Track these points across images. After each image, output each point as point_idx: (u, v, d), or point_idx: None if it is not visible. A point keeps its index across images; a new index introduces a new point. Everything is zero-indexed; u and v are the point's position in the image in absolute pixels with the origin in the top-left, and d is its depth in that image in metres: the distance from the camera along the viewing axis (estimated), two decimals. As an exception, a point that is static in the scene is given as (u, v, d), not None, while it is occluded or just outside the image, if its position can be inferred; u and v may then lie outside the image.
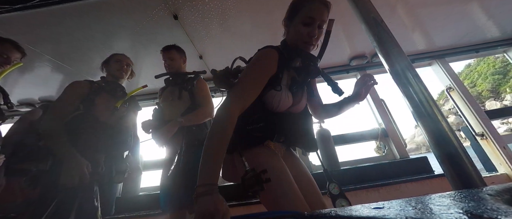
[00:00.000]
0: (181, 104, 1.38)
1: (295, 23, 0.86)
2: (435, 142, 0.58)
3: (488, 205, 0.28)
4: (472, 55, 2.58)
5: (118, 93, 1.33)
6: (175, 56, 1.49)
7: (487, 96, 51.28)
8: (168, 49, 1.49)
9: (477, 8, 1.91)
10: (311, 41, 0.85)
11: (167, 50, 1.49)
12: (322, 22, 0.83)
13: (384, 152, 2.22)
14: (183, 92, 1.40)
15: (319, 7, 0.81)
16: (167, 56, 1.48)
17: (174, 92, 1.42)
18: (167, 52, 1.48)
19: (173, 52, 1.49)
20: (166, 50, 1.49)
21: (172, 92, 1.42)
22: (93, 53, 1.80)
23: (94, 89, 1.26)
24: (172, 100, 1.40)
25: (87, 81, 1.29)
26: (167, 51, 1.49)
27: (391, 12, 1.81)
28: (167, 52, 1.48)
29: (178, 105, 1.38)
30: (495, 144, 1.99)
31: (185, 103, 1.39)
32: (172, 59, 1.48)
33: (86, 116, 1.17)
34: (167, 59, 1.48)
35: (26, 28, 1.48)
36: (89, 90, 1.24)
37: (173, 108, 1.39)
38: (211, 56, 2.06)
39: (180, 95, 1.39)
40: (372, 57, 2.44)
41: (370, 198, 1.59)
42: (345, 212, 0.36)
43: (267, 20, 1.73)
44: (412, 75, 0.66)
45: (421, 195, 0.40)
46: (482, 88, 53.26)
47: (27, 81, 2.08)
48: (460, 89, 2.32)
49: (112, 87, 1.32)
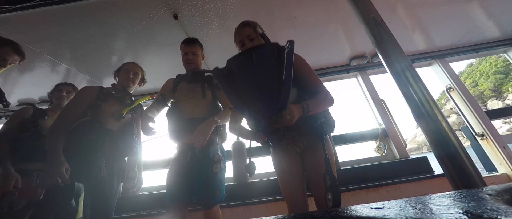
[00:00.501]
0: (204, 103, 1.34)
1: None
2: (435, 142, 0.58)
3: (488, 205, 0.28)
4: (472, 55, 2.58)
5: (126, 101, 1.38)
6: (198, 51, 1.42)
7: (489, 95, 50.69)
8: (192, 43, 1.40)
9: (477, 8, 1.91)
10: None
11: (191, 44, 1.40)
12: (246, 37, 1.10)
13: (384, 152, 2.21)
14: (207, 90, 1.35)
15: (239, 30, 1.13)
16: (190, 50, 1.39)
17: (195, 89, 1.35)
18: (190, 46, 1.40)
19: (197, 47, 1.42)
20: (190, 43, 1.40)
21: (194, 89, 1.35)
22: (93, 52, 1.80)
23: (102, 95, 1.30)
24: (192, 97, 1.33)
25: (97, 87, 1.33)
26: (191, 45, 1.40)
27: (391, 12, 1.81)
28: (190, 46, 1.40)
29: (200, 103, 1.33)
30: (495, 144, 1.99)
31: (208, 102, 1.35)
32: (194, 54, 1.39)
33: (92, 122, 1.20)
34: (189, 53, 1.39)
35: (26, 28, 1.48)
36: (98, 96, 1.28)
37: (196, 106, 1.32)
38: (211, 56, 2.06)
39: (204, 93, 1.34)
40: (372, 57, 2.44)
41: (370, 198, 1.59)
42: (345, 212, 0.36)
43: (267, 20, 1.73)
44: (412, 75, 0.66)
45: (421, 195, 0.40)
46: (484, 88, 52.70)
47: (27, 81, 2.08)
48: (460, 89, 2.32)
49: (120, 94, 1.37)
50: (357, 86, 2.68)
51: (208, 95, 1.36)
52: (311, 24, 1.84)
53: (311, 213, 0.40)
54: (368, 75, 2.56)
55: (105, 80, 2.20)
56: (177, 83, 1.40)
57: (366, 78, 2.54)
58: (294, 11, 1.68)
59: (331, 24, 1.88)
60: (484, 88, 52.44)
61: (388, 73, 0.73)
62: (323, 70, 2.58)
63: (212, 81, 1.39)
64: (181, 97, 1.36)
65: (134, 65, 1.46)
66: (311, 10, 1.69)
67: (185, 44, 1.40)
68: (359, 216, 0.33)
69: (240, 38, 1.11)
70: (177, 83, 1.41)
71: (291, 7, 1.63)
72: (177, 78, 1.43)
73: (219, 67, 0.90)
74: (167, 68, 2.13)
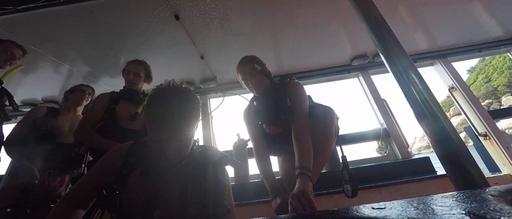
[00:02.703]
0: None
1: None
2: (437, 142, 0.58)
3: (491, 206, 0.28)
4: (475, 54, 2.56)
5: (134, 99, 1.41)
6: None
7: (504, 91, 47.71)
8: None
9: (480, 7, 1.90)
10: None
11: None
12: (248, 74, 1.19)
13: (386, 153, 2.20)
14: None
15: (240, 68, 1.23)
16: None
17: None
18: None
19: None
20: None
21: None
22: (95, 53, 1.81)
23: (113, 99, 1.37)
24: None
25: (109, 93, 1.41)
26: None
27: (392, 11, 1.80)
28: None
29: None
30: (498, 144, 1.97)
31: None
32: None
33: (107, 126, 1.28)
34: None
35: (29, 29, 1.49)
36: (110, 100, 1.36)
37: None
38: (212, 57, 2.06)
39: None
40: (373, 57, 2.43)
41: (371, 198, 1.58)
42: (347, 212, 0.36)
43: (269, 21, 1.73)
44: (414, 74, 0.66)
45: (423, 196, 0.40)
46: (497, 83, 50.09)
47: (30, 82, 2.10)
48: (463, 89, 2.31)
49: (128, 94, 1.41)
50: (358, 86, 2.67)
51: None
52: (313, 24, 1.84)
53: (312, 213, 0.40)
54: (370, 75, 2.55)
55: (107, 80, 2.21)
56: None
57: (367, 78, 2.53)
58: (295, 11, 1.67)
59: (332, 24, 1.88)
60: (498, 84, 49.59)
61: (390, 72, 0.73)
62: (324, 70, 2.57)
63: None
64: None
65: (134, 65, 1.46)
66: (312, 10, 1.69)
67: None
68: (360, 217, 0.33)
69: (242, 75, 1.21)
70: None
71: (292, 7, 1.63)
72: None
73: (220, 67, 0.93)
74: (169, 68, 2.14)
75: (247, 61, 1.20)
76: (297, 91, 1.13)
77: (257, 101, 1.26)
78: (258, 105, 1.24)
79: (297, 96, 1.11)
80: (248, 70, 1.17)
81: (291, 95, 1.13)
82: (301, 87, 1.16)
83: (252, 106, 1.30)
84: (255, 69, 1.16)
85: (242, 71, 1.20)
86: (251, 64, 1.18)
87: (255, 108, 1.26)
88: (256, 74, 1.17)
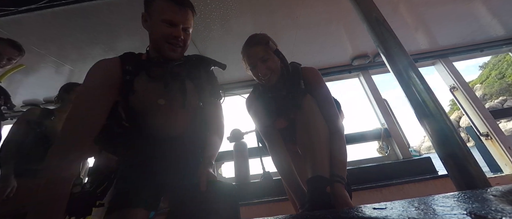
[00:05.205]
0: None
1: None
2: (439, 142, 0.58)
3: (493, 206, 0.28)
4: (476, 54, 2.55)
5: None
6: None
7: None
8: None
9: (481, 7, 1.89)
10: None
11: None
12: (259, 60, 1.00)
13: (387, 153, 2.20)
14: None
15: (248, 51, 1.01)
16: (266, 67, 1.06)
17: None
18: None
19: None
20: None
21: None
22: (96, 54, 1.82)
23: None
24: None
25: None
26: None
27: (393, 11, 1.80)
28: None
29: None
30: (500, 144, 1.96)
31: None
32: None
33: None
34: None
35: (31, 30, 1.49)
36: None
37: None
38: (212, 57, 2.05)
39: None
40: (374, 57, 2.42)
41: (372, 198, 1.58)
42: (348, 212, 0.36)
43: (269, 21, 1.73)
44: (414, 74, 0.66)
45: (424, 196, 0.39)
46: (511, 79, 47.79)
47: (32, 82, 2.11)
48: (464, 88, 2.30)
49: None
50: (359, 86, 2.66)
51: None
52: (313, 24, 1.84)
53: (312, 213, 0.40)
54: (370, 75, 2.54)
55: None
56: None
57: (368, 78, 2.52)
58: (296, 11, 1.67)
59: (333, 24, 1.88)
60: (512, 80, 47.00)
61: (391, 72, 0.73)
62: (325, 70, 2.56)
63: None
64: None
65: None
66: (313, 10, 1.69)
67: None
68: (361, 217, 0.32)
69: (250, 61, 0.97)
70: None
71: (293, 7, 1.63)
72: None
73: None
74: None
75: (257, 42, 0.97)
76: (315, 75, 0.99)
77: (264, 87, 1.07)
78: (265, 92, 1.06)
79: (316, 79, 0.97)
80: (260, 54, 0.94)
81: (306, 78, 0.97)
82: (318, 73, 1.00)
83: (257, 92, 1.11)
84: (267, 51, 0.94)
85: (251, 56, 0.95)
86: (262, 46, 0.95)
87: (261, 96, 1.07)
88: (269, 58, 0.94)
